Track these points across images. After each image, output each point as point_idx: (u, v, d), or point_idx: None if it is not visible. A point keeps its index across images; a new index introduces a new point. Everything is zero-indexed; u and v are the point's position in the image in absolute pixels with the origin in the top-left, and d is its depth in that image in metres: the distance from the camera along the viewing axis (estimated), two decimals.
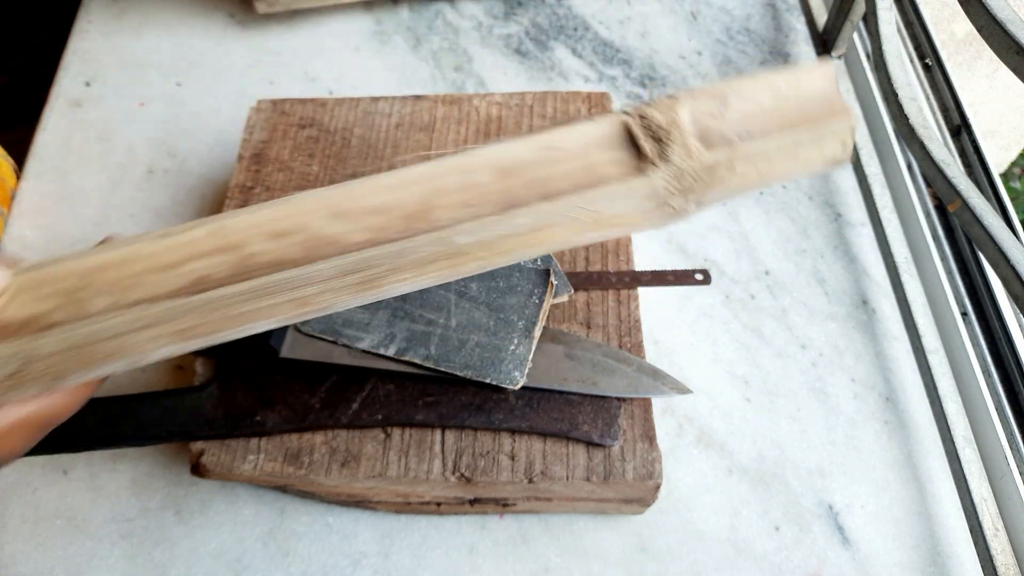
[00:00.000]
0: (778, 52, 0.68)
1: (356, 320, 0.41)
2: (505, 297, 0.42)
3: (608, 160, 0.29)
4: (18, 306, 0.26)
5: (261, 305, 0.28)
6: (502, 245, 0.29)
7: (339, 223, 0.28)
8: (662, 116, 0.29)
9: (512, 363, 0.40)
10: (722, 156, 0.30)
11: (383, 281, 0.29)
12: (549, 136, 0.29)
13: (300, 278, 0.28)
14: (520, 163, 0.29)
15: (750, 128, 0.30)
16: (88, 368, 0.27)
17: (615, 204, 0.30)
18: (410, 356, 0.40)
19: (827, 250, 0.56)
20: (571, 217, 0.29)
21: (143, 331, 0.27)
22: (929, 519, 0.46)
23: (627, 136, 0.30)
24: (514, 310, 0.41)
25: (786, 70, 0.31)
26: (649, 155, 0.29)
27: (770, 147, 0.30)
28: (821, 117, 0.31)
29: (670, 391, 0.40)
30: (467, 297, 0.42)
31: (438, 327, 0.41)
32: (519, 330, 0.41)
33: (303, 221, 0.27)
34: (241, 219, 0.27)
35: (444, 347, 0.40)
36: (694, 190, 0.30)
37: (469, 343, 0.40)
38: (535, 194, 0.29)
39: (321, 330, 0.40)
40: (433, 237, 0.28)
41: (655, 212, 0.30)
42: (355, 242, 0.28)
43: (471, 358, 0.40)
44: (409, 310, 0.41)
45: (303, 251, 0.27)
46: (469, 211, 0.28)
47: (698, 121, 0.30)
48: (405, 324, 0.41)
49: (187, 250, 0.27)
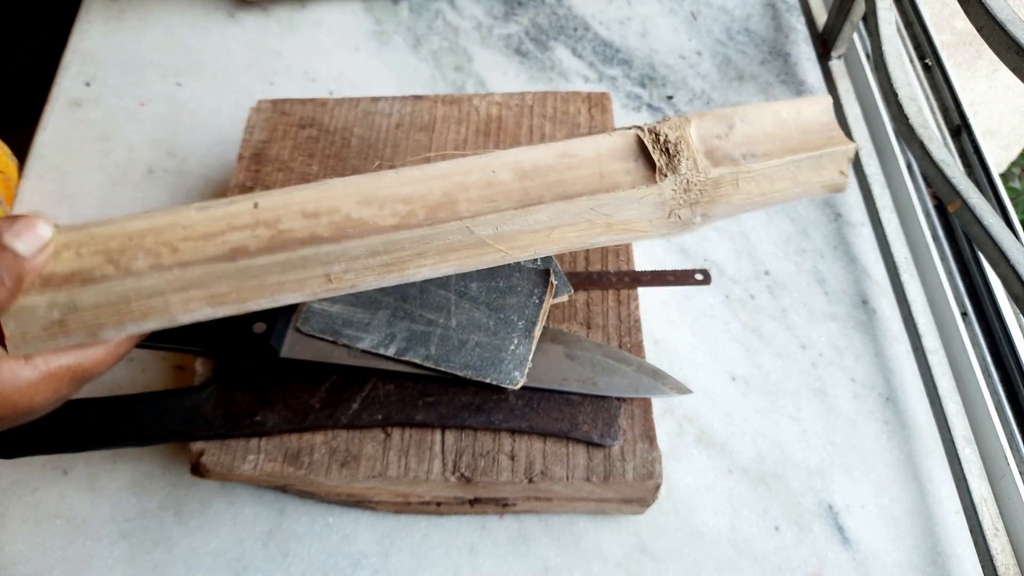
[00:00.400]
0: (778, 52, 0.68)
1: (356, 320, 0.41)
2: (505, 297, 0.42)
3: (621, 169, 0.32)
4: (62, 260, 0.28)
5: (291, 278, 0.30)
6: (520, 240, 0.32)
7: (368, 208, 0.30)
8: (673, 132, 0.32)
9: (512, 363, 0.40)
10: (727, 172, 0.32)
11: (407, 265, 0.31)
12: (567, 145, 0.32)
13: (330, 255, 0.30)
14: (539, 167, 0.31)
15: (753, 150, 0.33)
16: (125, 323, 0.29)
17: (626, 210, 0.32)
18: (410, 356, 0.40)
19: (827, 250, 0.56)
20: (585, 219, 0.32)
21: (179, 293, 0.29)
22: (929, 519, 0.46)
23: (640, 148, 0.32)
24: (514, 310, 0.41)
25: (787, 100, 0.34)
26: (660, 165, 0.32)
27: (771, 168, 0.33)
28: (820, 144, 0.34)
29: (670, 391, 0.40)
30: (467, 297, 0.42)
31: (438, 327, 0.41)
32: (519, 330, 0.41)
33: (335, 204, 0.30)
34: (277, 198, 0.30)
35: (444, 347, 0.40)
36: (700, 203, 0.33)
37: (469, 343, 0.40)
38: (552, 195, 0.31)
39: (321, 330, 0.40)
40: (456, 226, 0.30)
41: (663, 221, 0.33)
42: (383, 226, 0.30)
43: (471, 358, 0.40)
44: (409, 310, 0.41)
45: (334, 231, 0.30)
46: (490, 205, 0.31)
47: (705, 140, 0.33)
48: (405, 324, 0.41)
49: (225, 222, 0.29)
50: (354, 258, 0.30)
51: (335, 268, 0.30)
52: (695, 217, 0.33)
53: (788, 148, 0.33)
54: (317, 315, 0.41)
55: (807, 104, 0.34)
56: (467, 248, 0.31)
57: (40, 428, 0.37)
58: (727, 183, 0.33)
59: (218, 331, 0.40)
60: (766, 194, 0.34)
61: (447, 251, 0.31)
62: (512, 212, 0.31)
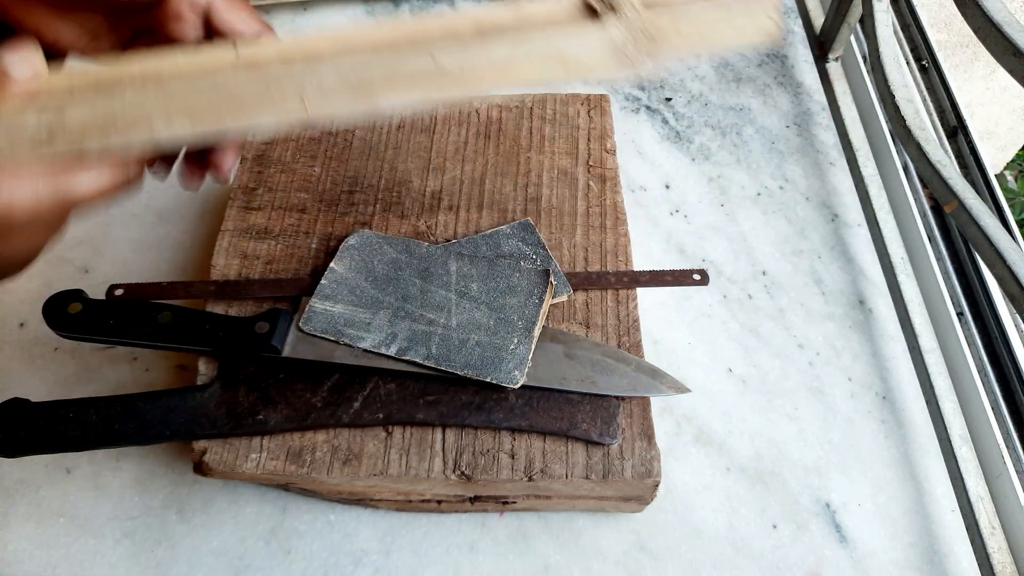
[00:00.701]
0: (775, 54, 0.68)
1: (358, 320, 0.41)
2: (505, 297, 0.42)
3: (570, 19, 0.36)
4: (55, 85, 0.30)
5: (267, 98, 0.32)
6: (480, 74, 0.34)
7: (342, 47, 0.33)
8: None
9: (512, 362, 0.40)
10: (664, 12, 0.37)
11: (376, 91, 0.33)
12: (521, 6, 0.36)
13: (303, 76, 0.32)
14: (496, 22, 0.35)
15: None
16: (108, 137, 0.31)
17: (576, 45, 0.36)
18: (411, 355, 0.40)
19: (824, 250, 0.57)
20: (539, 54, 0.35)
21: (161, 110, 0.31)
22: (926, 517, 0.46)
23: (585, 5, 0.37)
24: (514, 310, 0.42)
25: None
26: (599, 10, 0.36)
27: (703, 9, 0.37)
28: None
29: (669, 390, 0.41)
30: (468, 297, 0.42)
31: (439, 327, 0.41)
32: (519, 330, 0.41)
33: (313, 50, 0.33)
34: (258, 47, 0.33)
35: (445, 347, 0.40)
36: (644, 43, 0.37)
37: (469, 343, 0.40)
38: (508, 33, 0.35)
39: (323, 329, 0.41)
40: (420, 52, 0.34)
41: (612, 59, 0.36)
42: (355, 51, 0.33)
43: (471, 357, 0.40)
44: (410, 310, 0.41)
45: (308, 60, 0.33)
46: (452, 39, 0.34)
47: None
48: (406, 324, 0.41)
49: (209, 64, 0.32)
50: (325, 81, 0.33)
51: (308, 90, 0.32)
52: (642, 57, 0.37)
53: None
54: (319, 315, 0.41)
55: None
56: (431, 78, 0.34)
57: (44, 427, 0.38)
58: (666, 25, 0.37)
59: (221, 331, 0.40)
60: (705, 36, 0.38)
61: (412, 81, 0.34)
62: (471, 42, 0.34)
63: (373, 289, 0.42)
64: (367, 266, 0.43)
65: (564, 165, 0.50)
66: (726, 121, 0.64)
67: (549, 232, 0.47)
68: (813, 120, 0.64)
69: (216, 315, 0.41)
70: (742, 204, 0.59)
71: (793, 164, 0.61)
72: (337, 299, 0.42)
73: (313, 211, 0.48)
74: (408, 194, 0.49)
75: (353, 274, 0.43)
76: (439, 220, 0.48)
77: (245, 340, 0.40)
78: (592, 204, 0.49)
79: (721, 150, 0.62)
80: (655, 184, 0.60)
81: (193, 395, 0.40)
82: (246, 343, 0.40)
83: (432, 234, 0.47)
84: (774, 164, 0.61)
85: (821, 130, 0.64)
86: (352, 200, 0.48)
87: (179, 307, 0.41)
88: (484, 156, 0.51)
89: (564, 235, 0.47)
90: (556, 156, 0.51)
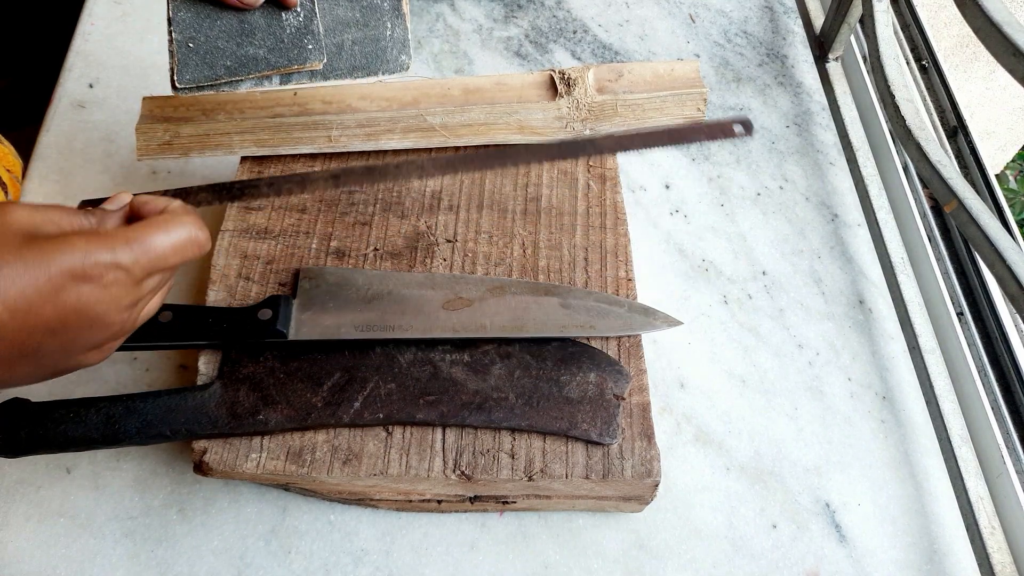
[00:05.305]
0: (775, 54, 0.68)
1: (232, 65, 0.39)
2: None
3: (535, 94, 0.49)
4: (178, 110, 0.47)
5: (307, 135, 0.48)
6: (459, 130, 0.48)
7: (363, 101, 0.48)
8: (575, 74, 0.49)
9: (395, 48, 0.41)
10: (609, 99, 0.49)
11: (381, 136, 0.48)
12: (501, 76, 0.49)
13: (332, 122, 0.48)
14: (480, 87, 0.49)
15: (632, 89, 0.49)
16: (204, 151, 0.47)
17: (534, 118, 0.49)
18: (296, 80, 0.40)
19: (824, 250, 0.57)
20: (504, 121, 0.49)
21: (238, 135, 0.47)
22: (926, 517, 0.46)
23: (551, 83, 0.49)
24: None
25: (665, 61, 0.51)
26: (560, 90, 0.48)
27: (642, 99, 0.49)
28: (683, 88, 0.49)
29: (662, 324, 0.43)
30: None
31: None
32: (387, 12, 0.41)
33: (343, 96, 0.48)
34: (309, 90, 0.47)
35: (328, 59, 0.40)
36: (589, 119, 0.49)
37: (346, 44, 0.40)
38: (485, 103, 0.48)
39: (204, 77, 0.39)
40: (415, 113, 0.48)
41: (560, 129, 0.49)
42: (369, 109, 0.48)
43: (355, 58, 0.40)
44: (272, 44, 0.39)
45: (338, 110, 0.48)
46: (441, 105, 0.48)
47: (599, 81, 0.49)
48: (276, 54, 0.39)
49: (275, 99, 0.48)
50: (347, 127, 0.48)
51: (334, 132, 0.48)
52: (585, 129, 0.48)
53: (658, 88, 0.49)
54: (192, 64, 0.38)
55: (680, 65, 0.50)
56: (422, 131, 0.48)
57: (44, 427, 0.38)
58: (609, 107, 0.48)
59: (225, 323, 0.41)
60: (640, 119, 0.49)
61: (408, 130, 0.48)
62: (454, 109, 0.48)
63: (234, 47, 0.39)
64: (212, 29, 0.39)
65: (564, 165, 0.50)
66: None
67: (549, 232, 0.47)
68: (813, 120, 0.64)
69: (218, 308, 0.42)
70: (742, 204, 0.59)
71: (793, 164, 0.62)
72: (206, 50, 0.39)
73: (313, 211, 0.48)
74: (408, 194, 0.49)
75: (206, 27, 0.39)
76: (439, 220, 0.48)
77: (250, 329, 0.40)
78: (592, 204, 0.49)
79: (721, 150, 0.62)
80: (655, 184, 0.60)
81: (193, 395, 0.40)
82: (251, 332, 0.40)
83: (432, 234, 0.47)
84: (774, 164, 0.61)
85: (821, 130, 0.64)
86: (352, 200, 0.48)
87: (179, 304, 0.41)
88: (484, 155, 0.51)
89: (564, 235, 0.47)
90: None
